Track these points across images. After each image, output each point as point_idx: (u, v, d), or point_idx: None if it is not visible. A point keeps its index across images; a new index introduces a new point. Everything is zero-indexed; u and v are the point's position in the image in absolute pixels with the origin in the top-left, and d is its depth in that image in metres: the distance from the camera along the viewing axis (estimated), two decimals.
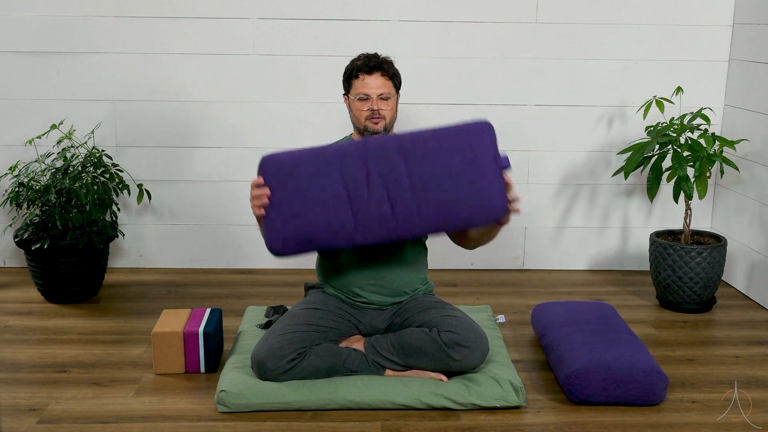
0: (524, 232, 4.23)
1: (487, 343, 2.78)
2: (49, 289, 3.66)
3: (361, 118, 2.91)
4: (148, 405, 2.71)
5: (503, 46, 4.00)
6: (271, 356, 2.71)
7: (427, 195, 2.59)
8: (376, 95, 2.88)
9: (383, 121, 2.90)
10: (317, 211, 2.61)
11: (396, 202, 2.61)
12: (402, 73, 2.99)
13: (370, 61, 2.91)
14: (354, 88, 2.92)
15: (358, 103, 2.91)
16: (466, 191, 2.58)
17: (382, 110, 2.89)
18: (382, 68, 2.91)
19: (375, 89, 2.88)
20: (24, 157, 3.97)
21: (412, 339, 2.77)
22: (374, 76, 2.89)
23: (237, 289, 3.89)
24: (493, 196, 2.58)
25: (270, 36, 3.96)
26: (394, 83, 2.94)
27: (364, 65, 2.90)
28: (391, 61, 2.96)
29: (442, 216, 2.60)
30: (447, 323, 2.76)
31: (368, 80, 2.89)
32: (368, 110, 2.89)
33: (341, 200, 2.61)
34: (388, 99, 2.90)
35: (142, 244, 4.19)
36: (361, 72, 2.90)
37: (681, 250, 3.56)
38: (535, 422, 2.63)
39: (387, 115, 2.91)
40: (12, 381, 2.89)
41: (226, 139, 4.07)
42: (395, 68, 2.96)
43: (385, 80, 2.90)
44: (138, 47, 3.96)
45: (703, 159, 3.51)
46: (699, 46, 4.03)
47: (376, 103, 2.88)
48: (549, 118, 4.09)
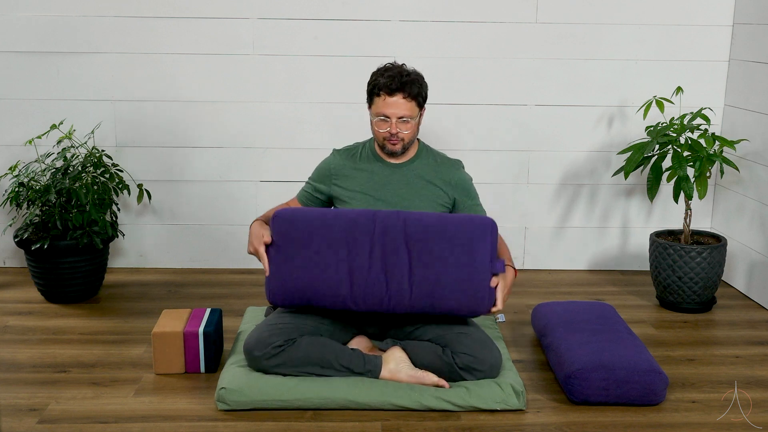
0: (524, 232, 4.23)
1: (501, 359, 2.77)
2: (49, 289, 3.66)
3: (380, 137, 2.88)
4: (148, 405, 2.71)
5: (503, 46, 4.00)
6: (259, 343, 2.72)
7: (422, 285, 2.72)
8: (396, 119, 2.81)
9: (401, 143, 2.86)
10: (319, 277, 2.75)
11: (392, 284, 2.74)
12: None
13: (393, 82, 2.78)
14: (375, 106, 2.84)
15: (377, 122, 2.85)
16: (459, 288, 2.71)
17: (401, 132, 2.83)
18: (405, 89, 2.78)
19: (395, 111, 2.79)
20: (24, 157, 3.97)
21: (424, 359, 2.75)
22: (396, 97, 2.79)
23: (237, 289, 3.89)
24: (482, 297, 2.73)
25: (270, 36, 3.96)
26: (417, 102, 2.83)
27: (387, 85, 2.78)
28: (416, 79, 2.83)
29: (431, 304, 2.74)
30: (461, 343, 2.74)
31: (389, 101, 2.79)
32: (387, 132, 2.83)
33: (342, 272, 2.74)
34: (409, 121, 2.83)
35: (142, 244, 4.19)
36: (383, 91, 2.79)
37: (681, 250, 3.56)
38: (535, 422, 2.63)
39: (406, 137, 2.85)
40: (12, 381, 2.89)
41: (226, 139, 4.07)
42: (420, 84, 2.83)
43: (407, 101, 2.80)
44: (138, 47, 3.96)
45: (703, 159, 3.51)
46: (699, 46, 4.03)
47: (395, 127, 2.81)
48: (549, 118, 4.09)
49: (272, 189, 4.10)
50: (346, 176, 2.99)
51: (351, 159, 3.02)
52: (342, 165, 3.01)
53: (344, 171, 3.00)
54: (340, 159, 3.03)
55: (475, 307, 2.73)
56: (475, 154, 4.09)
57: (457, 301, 2.71)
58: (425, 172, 2.98)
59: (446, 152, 3.85)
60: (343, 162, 3.02)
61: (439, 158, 3.04)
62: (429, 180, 2.97)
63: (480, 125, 4.08)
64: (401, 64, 2.89)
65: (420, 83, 2.84)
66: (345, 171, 3.00)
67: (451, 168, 3.02)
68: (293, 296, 2.78)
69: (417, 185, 2.96)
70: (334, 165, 3.03)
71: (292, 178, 4.05)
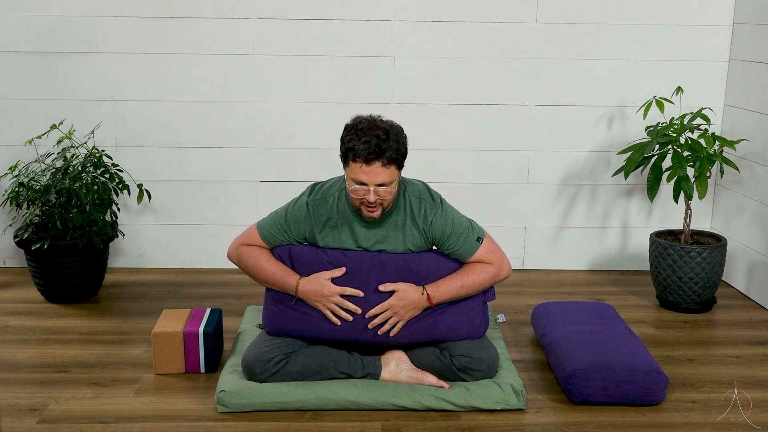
0: (524, 232, 4.23)
1: (498, 358, 2.79)
2: (49, 289, 3.66)
3: (356, 203, 2.63)
4: (148, 405, 2.71)
5: (503, 46, 4.00)
6: (258, 360, 2.70)
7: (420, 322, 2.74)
8: (374, 186, 2.57)
9: (380, 208, 2.62)
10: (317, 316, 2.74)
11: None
12: (402, 73, 2.96)
13: (370, 150, 2.51)
14: (351, 170, 2.57)
15: (354, 188, 2.59)
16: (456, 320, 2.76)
17: (379, 199, 2.59)
18: (384, 156, 2.53)
19: (374, 179, 2.55)
20: (24, 157, 3.97)
21: (423, 361, 2.76)
22: (374, 165, 2.53)
23: (237, 289, 3.89)
24: (478, 326, 2.81)
25: (270, 36, 3.96)
26: (397, 165, 2.58)
27: (363, 153, 2.52)
28: (395, 140, 2.56)
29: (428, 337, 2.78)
30: (459, 345, 2.75)
31: (366, 169, 2.54)
32: (364, 198, 2.59)
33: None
34: (389, 185, 2.59)
35: (142, 244, 4.19)
36: (359, 158, 2.53)
37: (681, 250, 3.56)
38: (535, 422, 2.63)
39: (386, 201, 2.62)
40: (12, 381, 2.89)
41: (226, 139, 4.07)
42: (398, 146, 2.57)
43: (386, 168, 2.54)
44: (138, 47, 3.96)
45: (703, 159, 3.51)
46: (699, 46, 4.03)
47: (373, 195, 2.57)
48: (549, 118, 4.09)
49: (272, 189, 4.10)
50: (320, 233, 2.76)
51: (327, 208, 2.74)
52: (317, 215, 2.74)
53: (319, 220, 2.75)
54: (315, 210, 2.74)
55: (471, 335, 2.81)
56: (475, 154, 4.10)
57: (454, 333, 2.78)
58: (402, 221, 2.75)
59: (447, 152, 3.87)
60: (318, 212, 2.74)
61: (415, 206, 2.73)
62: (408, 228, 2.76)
63: (480, 125, 4.08)
64: (376, 117, 2.64)
65: (398, 144, 2.57)
66: (320, 220, 2.74)
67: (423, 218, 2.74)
68: (288, 330, 2.79)
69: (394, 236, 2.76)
70: (312, 216, 2.75)
71: (292, 178, 4.06)
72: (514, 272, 4.19)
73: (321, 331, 2.75)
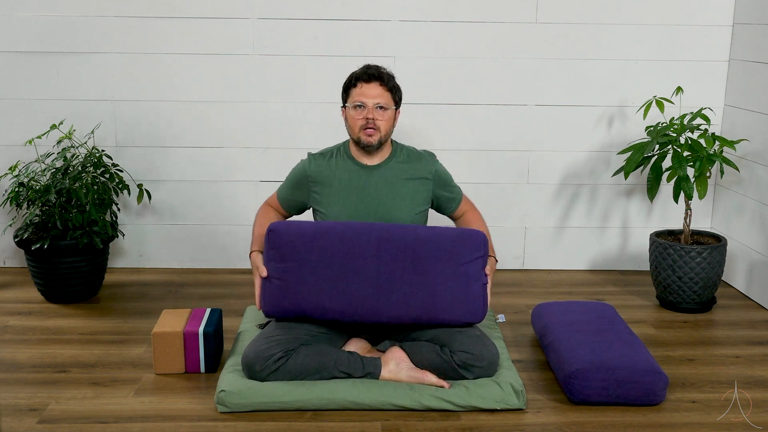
0: (524, 232, 4.23)
1: (498, 355, 2.80)
2: (49, 289, 3.66)
3: (356, 127, 2.88)
4: (148, 405, 2.71)
5: (503, 46, 4.00)
6: (258, 357, 2.70)
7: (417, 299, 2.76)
8: (372, 104, 2.84)
9: (378, 133, 2.86)
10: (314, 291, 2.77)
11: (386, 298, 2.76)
12: (402, 73, 2.99)
13: (369, 70, 2.87)
14: (351, 97, 2.89)
15: (353, 111, 2.87)
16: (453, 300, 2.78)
17: (377, 120, 2.84)
18: (381, 78, 2.86)
19: (372, 98, 2.84)
20: (24, 157, 3.97)
21: (423, 358, 2.76)
22: (372, 85, 2.86)
23: (237, 289, 3.89)
24: (476, 308, 2.82)
25: (270, 36, 3.96)
26: (393, 97, 2.89)
27: (363, 73, 2.86)
28: (393, 75, 2.92)
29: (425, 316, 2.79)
30: (458, 341, 2.76)
31: (365, 89, 2.85)
32: (363, 119, 2.84)
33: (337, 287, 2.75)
34: (386, 110, 2.86)
35: (142, 244, 4.19)
36: (360, 80, 2.86)
37: (681, 250, 3.56)
38: (535, 422, 2.63)
39: (382, 126, 2.86)
40: (12, 381, 2.89)
41: (226, 139, 4.07)
42: (396, 83, 2.91)
43: (383, 90, 2.86)
44: (138, 47, 3.96)
45: (703, 159, 3.51)
46: (699, 46, 4.03)
47: (371, 112, 2.83)
48: (549, 118, 4.09)
49: (272, 189, 4.09)
50: (323, 183, 2.97)
51: (326, 163, 2.98)
52: (318, 171, 2.97)
53: (320, 177, 2.97)
54: (316, 164, 2.99)
55: (469, 318, 2.82)
56: (475, 154, 4.10)
57: (451, 313, 2.79)
58: (402, 170, 2.98)
59: (447, 152, 3.87)
60: (318, 167, 2.98)
61: (413, 154, 3.02)
62: (407, 178, 2.97)
63: (480, 125, 4.08)
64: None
65: (395, 81, 2.90)
66: (321, 177, 2.97)
67: (426, 162, 3.02)
68: (287, 308, 2.80)
69: (396, 185, 2.95)
70: (311, 171, 2.98)
71: None
72: (514, 272, 4.20)
73: (320, 310, 2.77)
